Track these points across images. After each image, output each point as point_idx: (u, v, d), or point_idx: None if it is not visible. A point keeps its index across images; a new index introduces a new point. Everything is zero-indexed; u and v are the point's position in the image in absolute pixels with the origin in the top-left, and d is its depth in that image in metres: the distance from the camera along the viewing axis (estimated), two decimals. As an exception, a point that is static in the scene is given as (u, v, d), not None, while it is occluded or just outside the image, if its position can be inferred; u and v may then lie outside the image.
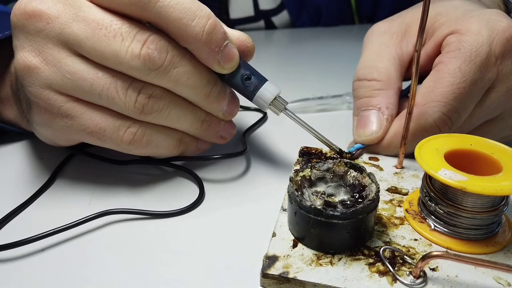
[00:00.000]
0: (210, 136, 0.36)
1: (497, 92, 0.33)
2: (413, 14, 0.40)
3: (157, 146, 0.33)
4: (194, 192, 0.34)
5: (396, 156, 0.35)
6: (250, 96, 0.33)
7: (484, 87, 0.33)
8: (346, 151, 0.36)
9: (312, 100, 0.51)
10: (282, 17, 0.85)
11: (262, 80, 0.33)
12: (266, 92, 0.33)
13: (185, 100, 0.33)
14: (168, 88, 0.31)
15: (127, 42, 0.29)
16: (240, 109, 0.49)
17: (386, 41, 0.38)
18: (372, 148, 0.36)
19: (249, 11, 0.83)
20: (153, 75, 0.30)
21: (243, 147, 0.38)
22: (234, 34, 0.33)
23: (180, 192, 0.35)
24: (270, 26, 0.86)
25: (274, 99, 0.33)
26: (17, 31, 0.30)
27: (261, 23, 0.85)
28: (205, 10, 0.30)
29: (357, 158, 0.36)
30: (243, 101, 0.36)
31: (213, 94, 0.33)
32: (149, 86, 0.31)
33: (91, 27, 0.29)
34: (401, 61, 0.38)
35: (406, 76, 0.39)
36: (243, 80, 0.33)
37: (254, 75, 0.33)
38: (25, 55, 0.30)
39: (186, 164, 0.37)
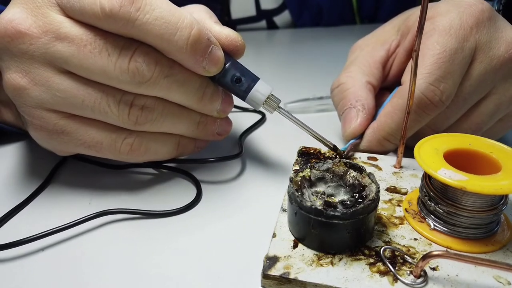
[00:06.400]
0: (207, 135, 0.36)
1: (481, 62, 0.34)
2: (383, 28, 0.43)
3: (156, 152, 0.33)
4: (193, 193, 0.34)
5: (394, 155, 0.36)
6: (242, 97, 0.33)
7: (465, 56, 0.34)
8: (341, 149, 0.36)
9: (312, 100, 0.51)
10: (284, 17, 0.85)
11: (254, 79, 0.33)
12: (257, 93, 0.32)
13: (178, 106, 0.32)
14: (161, 97, 0.31)
15: (114, 58, 0.28)
16: (238, 109, 0.49)
17: (356, 54, 0.42)
18: (370, 136, 0.37)
19: (251, 11, 0.84)
20: (143, 87, 0.29)
21: (239, 150, 0.38)
22: (223, 32, 0.32)
23: (179, 193, 0.35)
24: (271, 26, 0.86)
25: (267, 98, 0.33)
26: (1, 53, 0.29)
27: (263, 23, 0.86)
28: (187, 20, 0.29)
29: (352, 154, 0.36)
30: (243, 101, 0.36)
31: (206, 97, 0.33)
32: (141, 97, 0.30)
33: (76, 44, 0.28)
34: (370, 62, 0.41)
35: (387, 74, 0.42)
36: (233, 82, 0.32)
37: (245, 75, 0.32)
38: (13, 77, 0.29)
39: (183, 166, 0.37)
